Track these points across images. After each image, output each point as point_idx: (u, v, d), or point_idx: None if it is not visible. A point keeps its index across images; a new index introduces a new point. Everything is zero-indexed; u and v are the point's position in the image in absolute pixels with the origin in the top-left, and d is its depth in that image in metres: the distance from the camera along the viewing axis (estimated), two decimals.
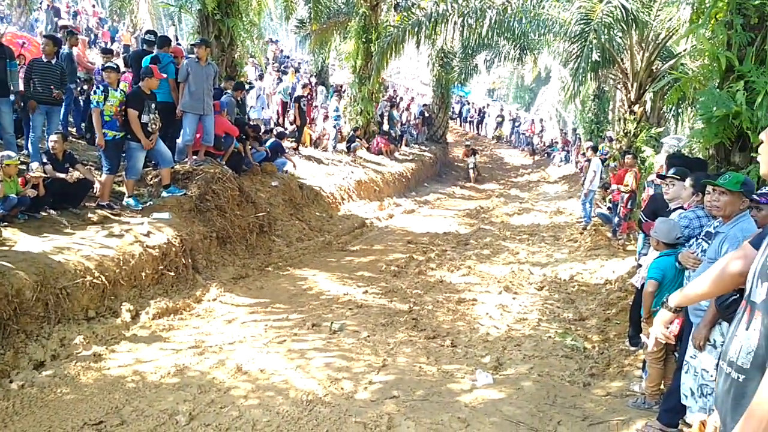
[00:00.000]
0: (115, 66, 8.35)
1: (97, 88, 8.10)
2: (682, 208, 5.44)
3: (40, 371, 5.21)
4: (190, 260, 7.88)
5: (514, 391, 5.40)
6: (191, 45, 9.67)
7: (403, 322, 7.13)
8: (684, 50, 14.58)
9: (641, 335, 4.86)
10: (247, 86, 13.26)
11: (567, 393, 5.44)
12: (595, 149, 14.13)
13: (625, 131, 15.64)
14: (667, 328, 2.90)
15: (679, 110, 17.30)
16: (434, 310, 7.67)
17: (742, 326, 1.96)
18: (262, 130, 13.16)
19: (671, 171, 5.62)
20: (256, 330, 6.56)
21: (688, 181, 5.14)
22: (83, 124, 10.70)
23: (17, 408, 4.64)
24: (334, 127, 16.99)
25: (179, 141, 9.99)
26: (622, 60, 15.14)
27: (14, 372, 5.10)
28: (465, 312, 7.68)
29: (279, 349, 6.02)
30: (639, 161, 12.93)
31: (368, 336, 6.55)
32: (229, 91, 11.36)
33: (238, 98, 11.83)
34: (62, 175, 7.44)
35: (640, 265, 5.95)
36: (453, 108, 31.93)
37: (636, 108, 15.20)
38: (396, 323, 7.08)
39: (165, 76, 9.01)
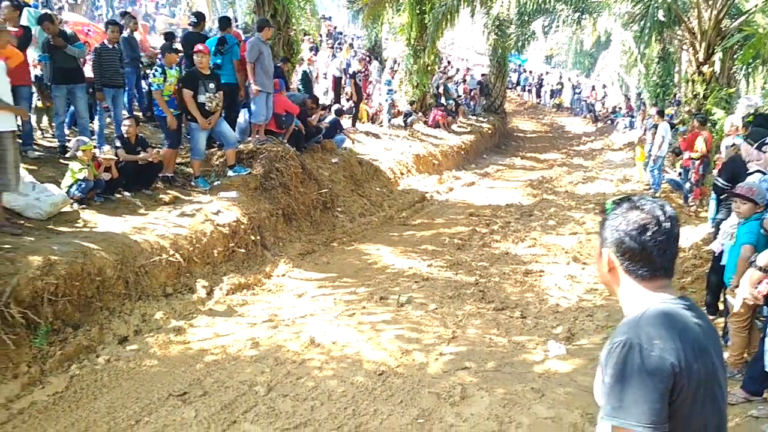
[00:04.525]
0: (174, 48, 8.53)
1: (156, 70, 8.29)
2: (761, 172, 5.21)
3: (124, 346, 5.46)
4: (258, 237, 8.07)
5: (588, 361, 5.32)
6: (257, 25, 9.72)
7: (470, 294, 7.11)
8: (755, 6, 13.79)
9: (728, 298, 4.67)
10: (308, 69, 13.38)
11: None
12: (661, 113, 13.56)
13: (694, 93, 14.98)
14: (756, 288, 2.79)
15: (750, 69, 16.43)
16: (501, 282, 7.61)
17: None
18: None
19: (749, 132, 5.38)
20: (326, 303, 6.68)
21: None
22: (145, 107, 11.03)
23: (105, 381, 4.89)
24: (386, 101, 16.89)
25: (240, 120, 10.14)
26: (688, 19, 14.45)
27: (100, 347, 5.36)
28: (533, 283, 7.59)
29: (349, 321, 6.11)
30: (710, 124, 12.38)
31: (436, 308, 6.57)
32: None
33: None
34: (134, 158, 7.69)
35: (717, 231, 5.72)
36: (510, 77, 31.27)
37: (705, 69, 14.51)
38: (463, 295, 7.06)
39: (207, 51, 9.12)
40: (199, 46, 8.34)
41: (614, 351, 1.55)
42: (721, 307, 5.85)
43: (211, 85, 8.31)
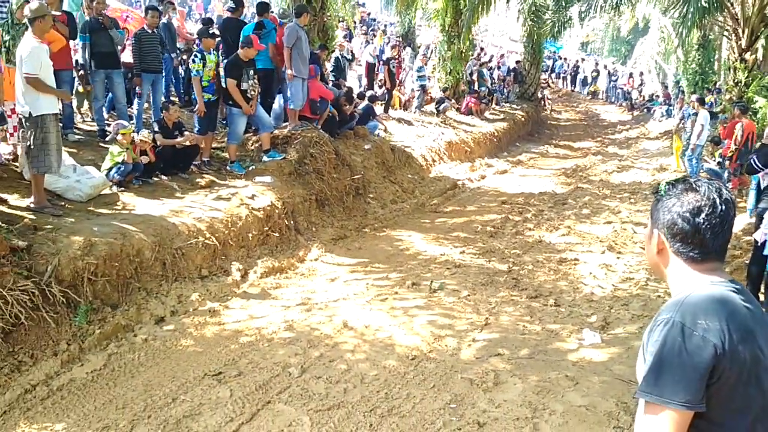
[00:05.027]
0: (211, 32, 8.61)
1: (195, 56, 8.36)
2: None
3: (161, 326, 5.56)
4: (292, 222, 8.14)
5: (623, 350, 5.26)
6: (295, 10, 9.74)
7: (503, 281, 7.07)
8: None
9: None
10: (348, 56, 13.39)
11: None
12: (701, 101, 13.23)
13: (735, 81, 14.59)
14: None
15: None
16: (534, 270, 7.54)
17: None
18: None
19: None
20: (359, 288, 6.71)
21: None
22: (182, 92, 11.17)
23: (142, 359, 4.99)
24: (417, 87, 16.79)
25: (275, 106, 10.21)
26: (732, 4, 14.05)
27: (138, 327, 5.47)
28: (567, 272, 7.50)
29: (382, 306, 6.13)
30: (751, 112, 12.05)
31: (468, 295, 6.55)
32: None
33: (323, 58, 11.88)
34: (172, 142, 7.80)
35: (761, 220, 5.58)
36: (545, 66, 30.83)
37: (747, 56, 14.11)
38: (496, 283, 7.02)
39: (264, 47, 9.20)
40: (261, 45, 8.58)
41: (657, 329, 1.54)
42: (762, 297, 5.73)
43: (251, 72, 8.43)
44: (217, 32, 10.17)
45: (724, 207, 1.59)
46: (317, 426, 4.05)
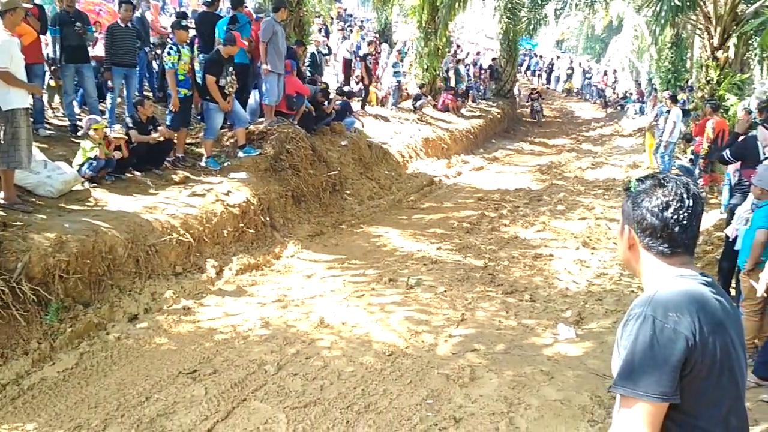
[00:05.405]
0: (184, 24, 8.50)
1: (170, 49, 8.22)
2: None
3: (134, 324, 5.49)
4: (268, 218, 8.08)
5: (597, 345, 5.33)
6: (273, 5, 9.64)
7: (479, 277, 7.11)
8: None
9: (742, 280, 4.64)
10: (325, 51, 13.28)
11: None
12: (674, 98, 13.42)
13: (707, 79, 14.82)
14: None
15: (765, 55, 16.21)
16: (510, 266, 7.60)
17: None
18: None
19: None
20: (335, 285, 6.69)
21: None
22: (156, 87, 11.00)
23: (115, 358, 4.92)
24: (392, 83, 16.77)
25: (251, 101, 10.13)
26: (704, 3, 14.26)
27: (111, 325, 5.39)
28: (542, 267, 7.57)
29: (358, 302, 6.13)
30: (722, 110, 12.24)
31: (445, 291, 6.57)
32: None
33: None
34: (146, 138, 7.68)
35: (732, 215, 5.68)
36: (521, 61, 31.03)
37: (719, 54, 14.34)
38: (472, 278, 7.06)
39: (246, 44, 9.11)
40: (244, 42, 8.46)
41: (629, 323, 1.57)
42: (732, 292, 5.84)
43: (231, 69, 8.36)
44: (192, 26, 10.04)
45: (691, 202, 1.62)
46: (293, 423, 4.03)
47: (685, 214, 1.62)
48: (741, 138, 6.68)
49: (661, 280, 1.63)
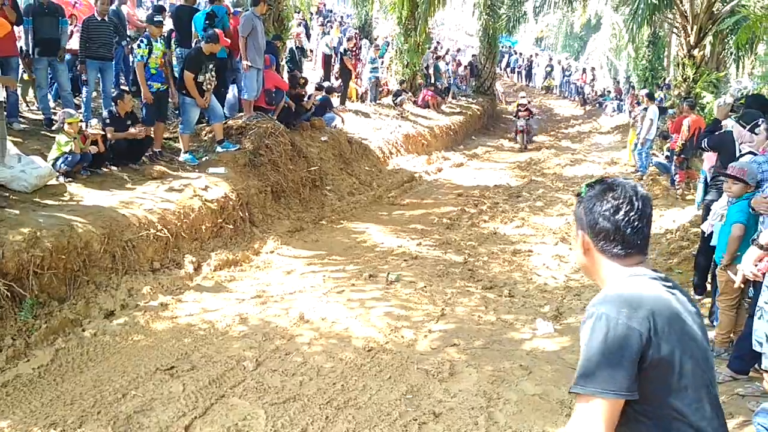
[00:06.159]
0: (157, 20, 8.38)
1: (141, 41, 8.08)
2: (752, 153, 5.24)
3: (111, 320, 5.42)
4: (246, 214, 8.02)
5: (575, 340, 5.35)
6: (252, 1, 9.52)
7: (458, 273, 7.13)
8: None
9: (721, 273, 4.70)
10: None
11: None
12: (651, 96, 13.57)
13: (684, 77, 15.00)
14: (756, 265, 2.82)
15: (741, 54, 16.46)
16: (490, 261, 7.64)
17: None
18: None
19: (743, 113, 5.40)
20: (315, 280, 6.66)
21: (763, 126, 4.96)
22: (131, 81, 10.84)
23: (91, 354, 4.86)
24: (370, 79, 16.75)
25: (230, 96, 10.05)
26: (681, 2, 14.43)
27: (86, 321, 5.33)
28: (521, 263, 7.62)
29: (338, 298, 6.11)
30: (698, 108, 12.41)
31: (425, 286, 6.58)
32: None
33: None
34: (123, 135, 7.57)
35: (708, 211, 5.75)
36: (501, 59, 31.16)
37: (696, 52, 14.53)
38: (452, 274, 7.08)
39: (229, 42, 9.03)
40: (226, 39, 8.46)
41: (585, 323, 1.59)
42: (708, 287, 5.92)
43: (211, 66, 8.25)
44: (169, 20, 9.91)
45: (641, 204, 1.67)
46: (272, 419, 4.01)
47: (636, 216, 1.66)
48: (719, 132, 6.77)
49: (616, 280, 1.67)
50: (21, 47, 8.56)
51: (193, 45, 9.17)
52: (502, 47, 30.99)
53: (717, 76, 14.54)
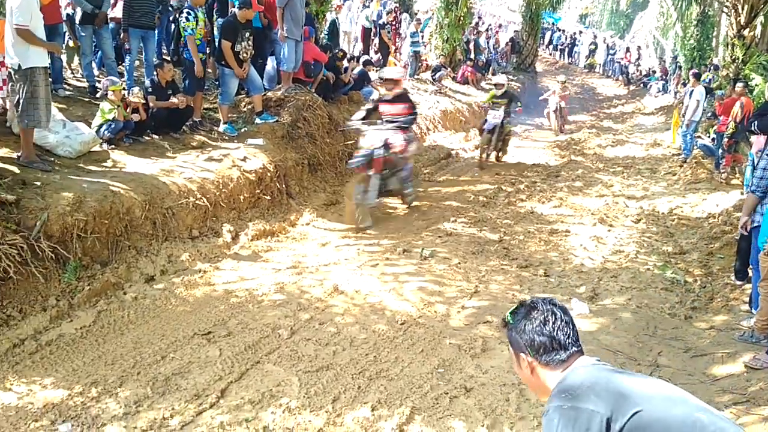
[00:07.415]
0: None
1: (189, 14, 8.09)
2: None
3: (151, 284, 5.55)
4: (284, 185, 8.08)
5: (611, 321, 5.30)
6: None
7: (493, 251, 7.08)
8: None
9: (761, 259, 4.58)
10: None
11: (667, 325, 5.30)
12: (698, 77, 13.15)
13: (733, 58, 14.53)
14: None
15: None
16: (525, 240, 7.56)
17: None
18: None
19: None
20: (350, 253, 6.70)
21: None
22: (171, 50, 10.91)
23: (132, 317, 4.99)
24: (410, 53, 16.54)
25: (269, 68, 10.06)
26: None
27: (128, 285, 5.46)
28: (557, 243, 7.53)
29: (372, 272, 6.13)
30: (747, 90, 12.00)
31: (459, 263, 6.55)
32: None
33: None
34: (165, 104, 7.67)
35: None
36: (543, 35, 30.55)
37: (746, 32, 14.03)
38: (487, 252, 7.04)
39: (262, 8, 9.00)
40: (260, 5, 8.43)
41: (547, 420, 1.69)
42: (749, 273, 5.77)
43: (247, 34, 8.23)
44: None
45: (561, 311, 1.88)
46: (306, 386, 4.07)
47: (563, 322, 1.85)
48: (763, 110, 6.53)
49: (566, 377, 1.80)
50: (68, 14, 8.70)
51: None
52: (545, 24, 30.36)
53: (767, 57, 14.00)
